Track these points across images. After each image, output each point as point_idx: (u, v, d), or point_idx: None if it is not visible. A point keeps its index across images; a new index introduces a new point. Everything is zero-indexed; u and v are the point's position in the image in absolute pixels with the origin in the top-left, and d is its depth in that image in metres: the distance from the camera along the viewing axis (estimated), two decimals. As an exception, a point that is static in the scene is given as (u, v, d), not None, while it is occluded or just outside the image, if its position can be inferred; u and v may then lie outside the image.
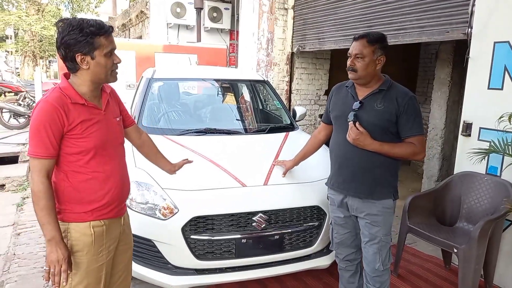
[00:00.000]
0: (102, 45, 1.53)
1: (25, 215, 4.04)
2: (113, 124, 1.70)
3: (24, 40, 21.07)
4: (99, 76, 1.58)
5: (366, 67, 2.00)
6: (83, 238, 1.60)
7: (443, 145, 4.95)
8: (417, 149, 2.01)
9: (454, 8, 3.29)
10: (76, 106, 1.54)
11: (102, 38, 1.53)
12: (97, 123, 1.60)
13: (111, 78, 1.63)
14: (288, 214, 2.51)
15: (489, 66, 2.83)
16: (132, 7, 11.68)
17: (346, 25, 4.67)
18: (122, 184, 1.74)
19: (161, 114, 3.56)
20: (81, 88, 1.58)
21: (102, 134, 1.62)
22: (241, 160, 2.83)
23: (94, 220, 1.62)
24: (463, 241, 2.54)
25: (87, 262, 1.62)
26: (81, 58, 1.52)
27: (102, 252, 1.66)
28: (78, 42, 1.49)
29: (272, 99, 4.12)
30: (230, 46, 9.30)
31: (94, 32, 1.50)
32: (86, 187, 1.60)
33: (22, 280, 2.82)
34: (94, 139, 1.58)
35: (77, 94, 1.56)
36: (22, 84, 9.74)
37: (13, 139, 6.68)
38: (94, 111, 1.61)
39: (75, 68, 1.55)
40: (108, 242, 1.69)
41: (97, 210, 1.63)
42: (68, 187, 1.59)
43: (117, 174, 1.69)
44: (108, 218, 1.68)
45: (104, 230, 1.66)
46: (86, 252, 1.61)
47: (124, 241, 1.82)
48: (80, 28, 1.49)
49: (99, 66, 1.55)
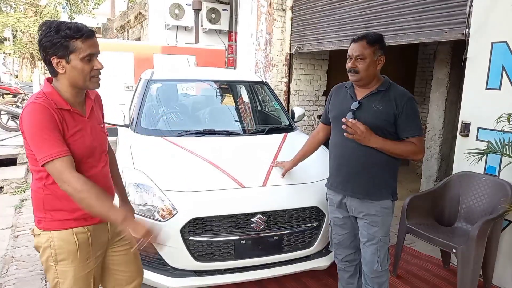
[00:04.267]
0: (78, 48, 1.46)
1: (24, 218, 4.02)
2: (97, 131, 1.65)
3: (22, 42, 21.05)
4: (76, 81, 1.51)
5: (368, 68, 2.01)
6: (67, 246, 1.55)
7: (442, 146, 4.95)
8: (417, 148, 2.02)
9: (452, 8, 3.30)
10: (61, 112, 1.48)
11: (78, 41, 1.46)
12: (80, 130, 1.55)
13: (90, 84, 1.54)
14: (287, 215, 2.51)
15: (487, 66, 2.84)
16: (131, 9, 11.69)
17: (344, 25, 4.68)
18: (105, 191, 1.62)
19: (160, 115, 3.56)
20: (64, 94, 1.53)
21: (85, 141, 1.56)
22: (239, 161, 2.83)
23: (76, 227, 1.57)
24: (462, 241, 2.54)
25: (73, 270, 1.57)
26: (57, 62, 1.47)
27: (89, 259, 1.61)
28: (53, 45, 1.45)
29: (270, 100, 4.12)
30: (229, 47, 9.30)
31: (69, 35, 1.45)
32: (65, 193, 1.48)
33: (20, 282, 2.81)
34: (77, 147, 1.52)
35: (62, 99, 1.51)
36: (20, 86, 9.75)
37: (11, 141, 6.67)
38: (78, 118, 1.55)
39: (54, 72, 1.51)
40: (94, 248, 1.63)
41: (79, 217, 1.56)
42: (48, 195, 1.53)
43: (99, 181, 1.59)
44: (92, 224, 1.61)
45: (89, 236, 1.60)
46: (71, 260, 1.57)
47: (120, 242, 1.77)
48: (56, 30, 1.44)
49: (75, 71, 1.49)
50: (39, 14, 20.33)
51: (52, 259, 1.56)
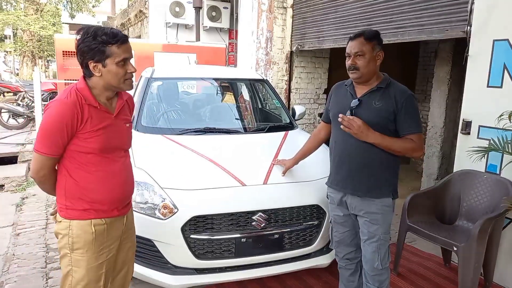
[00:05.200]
0: (114, 53, 1.57)
1: (25, 215, 4.03)
2: (122, 129, 1.75)
3: (23, 40, 21.02)
4: (110, 84, 1.62)
5: (368, 64, 2.01)
6: (84, 236, 1.64)
7: (443, 144, 4.95)
8: (416, 145, 2.01)
9: (454, 6, 3.29)
10: (89, 108, 1.60)
11: (114, 47, 1.56)
12: (105, 127, 1.64)
13: (124, 86, 1.67)
14: (287, 213, 2.51)
15: (488, 64, 2.83)
16: (131, 7, 11.66)
17: (345, 23, 4.67)
18: (125, 185, 1.78)
19: (161, 113, 3.55)
20: (95, 91, 1.63)
21: (108, 138, 1.65)
22: (240, 159, 2.83)
23: (95, 218, 1.66)
24: (463, 239, 2.54)
25: (87, 259, 1.65)
26: (94, 66, 1.57)
27: (103, 251, 1.70)
28: (91, 50, 1.54)
29: (271, 98, 4.11)
30: (229, 45, 9.29)
31: (106, 41, 1.54)
32: (88, 185, 1.64)
33: (21, 280, 2.82)
34: (99, 142, 1.62)
35: (91, 96, 1.61)
36: (21, 84, 9.72)
37: (12, 139, 6.67)
38: (105, 115, 1.65)
39: (89, 74, 1.61)
40: (109, 240, 1.72)
41: (98, 208, 1.67)
42: (71, 183, 1.63)
43: (120, 175, 1.73)
44: (109, 217, 1.71)
45: (105, 228, 1.69)
46: (86, 249, 1.65)
47: (128, 239, 1.86)
48: (93, 36, 1.54)
49: (110, 74, 1.59)
50: (40, 12, 20.28)
51: (69, 247, 1.64)
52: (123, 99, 1.76)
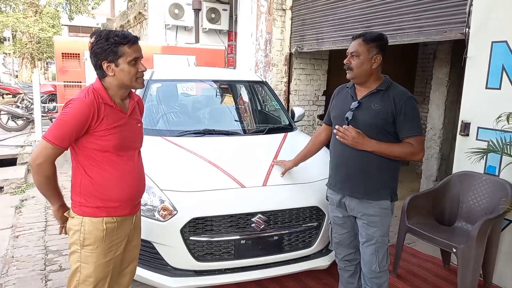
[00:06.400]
0: (125, 53, 1.65)
1: (24, 218, 4.03)
2: (134, 129, 1.82)
3: (22, 42, 21.00)
4: (123, 82, 1.70)
5: (361, 65, 2.02)
6: (96, 233, 1.69)
7: (442, 145, 4.95)
8: (415, 149, 2.01)
9: (452, 8, 3.30)
10: (105, 107, 1.67)
11: (125, 47, 1.65)
12: (120, 125, 1.71)
13: (137, 84, 1.74)
14: (287, 215, 2.51)
15: (487, 65, 2.84)
16: (130, 9, 11.67)
17: (344, 25, 4.67)
18: (137, 184, 1.83)
19: (160, 115, 3.55)
20: (110, 92, 1.71)
21: (123, 136, 1.72)
22: (239, 161, 2.83)
23: (107, 216, 1.72)
24: (462, 240, 2.54)
25: (96, 256, 1.70)
26: (107, 66, 1.65)
27: (111, 248, 1.75)
28: (104, 51, 1.63)
29: (270, 99, 4.12)
30: (228, 47, 9.30)
31: (118, 42, 1.63)
32: (103, 182, 1.70)
33: (20, 283, 2.81)
34: (114, 140, 1.68)
35: (107, 95, 1.69)
36: (20, 86, 9.70)
37: (11, 141, 6.66)
38: (119, 114, 1.73)
39: (103, 75, 1.69)
40: (118, 238, 1.77)
41: (110, 206, 1.72)
42: (86, 180, 1.69)
43: (132, 174, 1.79)
44: (121, 215, 1.76)
45: (115, 226, 1.74)
46: (96, 246, 1.70)
47: (134, 237, 1.90)
48: (106, 38, 1.63)
49: (123, 73, 1.67)
50: (39, 14, 20.28)
51: (79, 243, 1.70)
52: (134, 99, 1.83)
